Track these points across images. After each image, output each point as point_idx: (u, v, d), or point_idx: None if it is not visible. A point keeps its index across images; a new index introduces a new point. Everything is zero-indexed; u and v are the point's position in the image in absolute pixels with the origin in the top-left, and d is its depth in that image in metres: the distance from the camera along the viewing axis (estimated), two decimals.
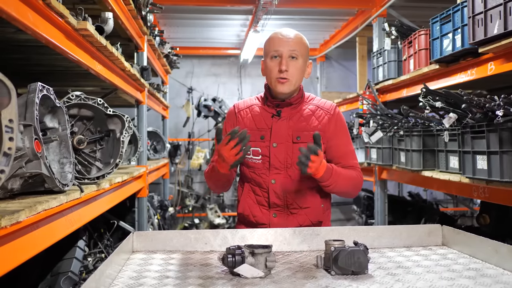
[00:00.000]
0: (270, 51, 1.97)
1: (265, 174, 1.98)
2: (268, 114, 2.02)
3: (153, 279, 1.37)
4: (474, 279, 1.37)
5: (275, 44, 1.96)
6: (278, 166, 1.97)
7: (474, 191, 2.89)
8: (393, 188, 7.60)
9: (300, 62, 1.97)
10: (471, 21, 2.76)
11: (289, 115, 2.00)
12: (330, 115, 2.03)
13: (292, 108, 2.01)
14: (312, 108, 2.04)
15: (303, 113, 2.01)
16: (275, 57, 1.96)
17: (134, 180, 3.59)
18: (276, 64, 1.95)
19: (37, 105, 1.68)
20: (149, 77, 4.10)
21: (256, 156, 1.99)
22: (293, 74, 1.95)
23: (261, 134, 1.99)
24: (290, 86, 1.96)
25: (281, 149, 1.96)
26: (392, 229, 1.83)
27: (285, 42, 1.95)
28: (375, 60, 4.75)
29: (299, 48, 1.97)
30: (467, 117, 2.67)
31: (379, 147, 4.38)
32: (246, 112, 2.06)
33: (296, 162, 1.81)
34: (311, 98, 2.09)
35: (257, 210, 2.01)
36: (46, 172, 1.68)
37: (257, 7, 5.22)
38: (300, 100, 2.03)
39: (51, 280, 2.51)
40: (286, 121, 1.99)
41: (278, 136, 1.97)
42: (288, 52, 1.94)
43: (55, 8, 1.82)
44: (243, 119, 2.05)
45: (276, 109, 2.01)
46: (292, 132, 1.97)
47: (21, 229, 1.45)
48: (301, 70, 1.98)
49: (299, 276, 1.42)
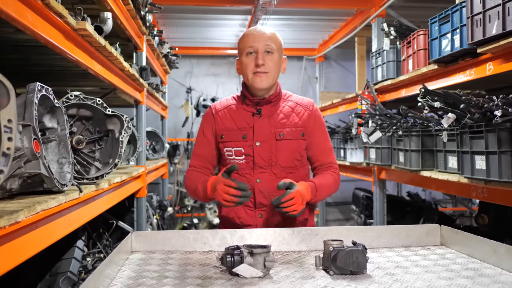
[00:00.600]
0: (245, 48, 1.96)
1: (250, 174, 1.96)
2: (248, 113, 2.00)
3: (151, 279, 1.38)
4: (472, 278, 1.38)
5: (250, 41, 1.96)
6: (262, 165, 1.95)
7: (472, 191, 2.89)
8: (392, 188, 7.60)
9: (276, 56, 1.97)
10: (470, 22, 2.76)
11: (269, 112, 1.99)
12: (309, 111, 2.04)
13: (271, 105, 2.01)
14: (292, 105, 2.04)
15: (283, 110, 2.01)
16: (251, 53, 1.95)
17: (133, 180, 3.59)
18: (252, 59, 1.94)
19: (36, 105, 1.68)
20: (148, 77, 4.10)
21: (239, 156, 1.97)
22: (271, 67, 1.95)
23: (243, 133, 1.97)
24: (269, 80, 1.95)
25: (265, 148, 1.95)
26: (390, 229, 1.84)
27: (260, 38, 1.95)
28: (374, 60, 4.75)
29: (274, 43, 1.97)
30: (466, 117, 2.68)
31: (378, 147, 4.38)
32: (224, 113, 2.04)
33: (277, 210, 1.84)
34: (289, 95, 2.09)
35: (242, 212, 1.99)
36: (45, 172, 1.68)
37: (256, 7, 5.22)
38: (278, 97, 2.03)
39: (50, 280, 2.51)
40: (267, 119, 1.98)
41: (261, 134, 1.96)
42: (263, 47, 1.94)
43: (54, 8, 1.82)
44: (222, 120, 2.02)
45: (256, 107, 1.99)
46: (275, 129, 1.97)
47: (20, 229, 1.45)
48: (278, 64, 1.99)
49: (297, 276, 1.42)
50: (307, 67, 8.16)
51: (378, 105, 4.22)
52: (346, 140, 5.50)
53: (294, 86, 8.09)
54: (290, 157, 1.97)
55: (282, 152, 1.96)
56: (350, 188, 6.58)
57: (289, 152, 1.97)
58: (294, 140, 1.97)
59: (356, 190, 6.31)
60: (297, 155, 1.99)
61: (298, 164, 2.00)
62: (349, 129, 5.23)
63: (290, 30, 6.82)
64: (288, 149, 1.97)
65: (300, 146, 1.99)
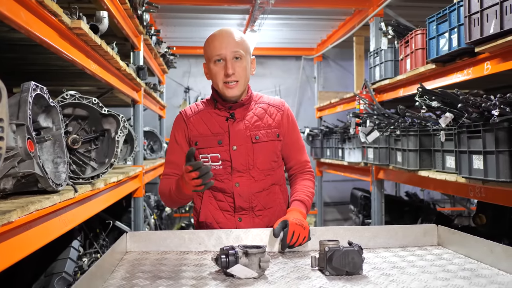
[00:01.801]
0: (212, 55, 1.90)
1: (228, 178, 1.93)
2: (221, 117, 1.96)
3: (145, 280, 1.36)
4: (469, 279, 1.37)
5: (217, 48, 1.89)
6: (240, 169, 1.92)
7: (470, 191, 2.88)
8: (390, 188, 7.60)
9: (244, 62, 1.91)
10: (467, 21, 2.75)
11: (242, 115, 1.96)
12: (282, 111, 2.02)
13: (244, 108, 1.97)
14: (264, 106, 2.02)
15: (256, 112, 1.99)
16: (219, 61, 1.89)
17: (130, 180, 3.58)
18: (221, 68, 1.89)
19: (30, 104, 1.67)
20: (145, 77, 4.09)
21: (215, 162, 1.93)
22: (241, 75, 1.90)
23: (218, 139, 1.93)
24: (240, 88, 1.91)
25: (242, 151, 1.92)
26: (387, 229, 1.83)
27: (227, 44, 1.89)
28: (372, 59, 4.74)
29: (242, 48, 1.91)
30: (463, 116, 2.67)
31: (375, 147, 4.37)
32: (197, 119, 1.98)
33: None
34: (259, 96, 2.06)
35: (221, 217, 1.96)
36: (39, 172, 1.67)
37: (254, 6, 5.21)
38: (250, 100, 2.00)
39: (45, 281, 2.50)
40: (241, 122, 1.95)
41: (237, 138, 1.92)
42: (231, 54, 1.88)
43: (48, 6, 1.80)
44: (194, 125, 1.97)
45: (229, 111, 1.95)
46: (250, 132, 1.94)
47: (13, 229, 1.44)
48: (247, 69, 1.94)
49: (293, 276, 1.41)
50: (305, 66, 8.15)
51: (376, 105, 4.21)
52: (344, 140, 5.49)
53: (292, 86, 8.09)
54: (267, 159, 1.96)
55: (259, 154, 1.94)
56: (348, 188, 6.58)
57: (266, 154, 1.95)
58: (270, 142, 1.96)
59: (354, 190, 6.31)
60: (274, 157, 1.99)
61: (275, 165, 2.00)
62: (347, 128, 5.22)
63: (288, 29, 6.81)
64: (265, 151, 1.95)
65: (276, 147, 1.98)
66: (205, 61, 1.97)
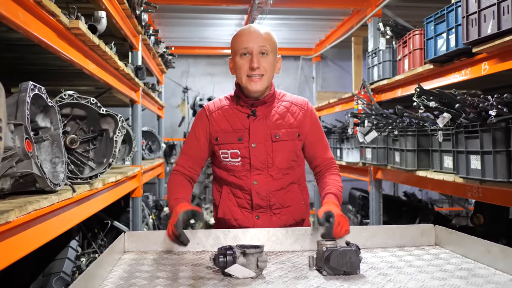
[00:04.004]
0: (239, 49, 1.91)
1: (246, 176, 1.93)
2: (243, 114, 1.97)
3: (143, 280, 1.37)
4: (466, 279, 1.37)
5: (244, 41, 1.91)
6: (259, 167, 1.93)
7: (468, 191, 2.89)
8: (389, 188, 7.61)
9: (270, 57, 1.93)
10: (465, 21, 2.76)
11: (264, 113, 1.96)
12: (304, 110, 2.02)
13: (266, 106, 1.98)
14: (286, 104, 2.02)
15: (278, 111, 1.99)
16: (245, 55, 1.91)
17: (128, 180, 3.57)
18: (247, 61, 1.90)
19: (28, 104, 1.67)
20: (144, 77, 4.09)
21: (235, 159, 1.94)
22: (266, 70, 1.91)
23: (239, 135, 1.94)
24: (263, 82, 1.92)
25: (261, 149, 1.93)
26: (385, 229, 1.83)
27: (254, 38, 1.90)
28: (370, 60, 4.74)
29: (269, 44, 1.92)
30: (461, 117, 2.67)
31: (374, 147, 4.38)
32: (219, 114, 2.00)
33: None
34: (283, 94, 2.06)
35: (239, 213, 1.96)
36: (37, 172, 1.67)
37: (252, 6, 5.21)
38: (273, 98, 2.00)
39: (43, 281, 2.50)
40: (262, 120, 1.95)
41: (257, 136, 1.93)
42: (258, 49, 1.90)
43: (46, 6, 1.80)
44: (216, 121, 1.98)
45: (251, 109, 1.96)
46: (270, 131, 1.94)
47: (11, 229, 1.44)
48: (273, 66, 1.95)
49: (290, 276, 1.41)
50: (303, 66, 8.16)
51: (374, 105, 4.21)
52: (342, 140, 5.49)
53: (290, 86, 8.09)
54: (286, 158, 1.96)
55: (279, 153, 1.94)
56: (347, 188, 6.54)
57: (285, 153, 1.95)
58: (290, 141, 1.96)
59: (352, 190, 6.31)
60: (294, 156, 1.98)
61: (294, 164, 1.99)
62: (345, 129, 5.23)
63: (286, 29, 6.82)
64: (284, 150, 1.95)
65: (296, 147, 1.98)
66: (231, 56, 1.98)
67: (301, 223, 2.01)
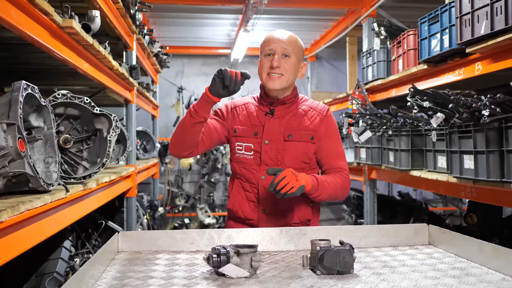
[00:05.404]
0: (264, 49, 2.02)
1: (256, 170, 2.00)
2: (262, 112, 2.05)
3: (137, 280, 1.36)
4: (458, 278, 1.38)
5: (269, 43, 2.01)
6: (268, 163, 1.98)
7: (461, 190, 2.90)
8: (383, 188, 7.63)
9: (293, 60, 2.00)
10: (459, 22, 2.77)
11: (282, 113, 2.03)
12: (322, 116, 2.06)
13: (285, 107, 2.04)
14: (305, 108, 2.07)
15: (296, 113, 2.05)
16: (269, 55, 2.00)
17: (123, 179, 3.56)
18: (269, 61, 1.99)
19: (21, 103, 1.66)
20: (138, 76, 4.08)
21: (248, 152, 2.02)
22: (286, 70, 1.98)
23: (255, 130, 2.02)
24: (282, 82, 1.98)
25: (273, 146, 1.99)
26: (379, 228, 1.84)
27: (279, 41, 2.00)
28: (364, 60, 4.76)
29: (292, 47, 2.01)
30: (455, 117, 2.69)
31: (368, 146, 4.39)
32: (242, 109, 2.09)
33: (272, 192, 1.81)
34: (305, 99, 2.12)
35: (246, 206, 2.03)
36: (30, 172, 1.66)
37: (247, 6, 5.21)
38: (293, 100, 2.06)
39: (36, 281, 2.48)
40: (278, 119, 2.02)
41: (270, 133, 2.00)
42: (281, 50, 1.98)
43: (39, 5, 1.80)
44: (238, 115, 2.07)
45: (270, 107, 2.04)
46: (284, 130, 2.00)
47: (3, 229, 1.43)
48: (294, 68, 2.01)
49: (284, 275, 1.41)
50: None
51: (368, 105, 4.23)
52: None
53: None
54: (296, 159, 1.99)
55: (289, 152, 1.99)
56: None
57: (296, 154, 1.99)
58: (302, 142, 2.00)
59: None
60: (305, 158, 2.01)
61: (305, 166, 2.02)
62: (340, 128, 5.23)
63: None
64: (295, 151, 1.99)
65: (308, 149, 2.01)
66: (259, 58, 2.07)
67: (306, 223, 2.03)
